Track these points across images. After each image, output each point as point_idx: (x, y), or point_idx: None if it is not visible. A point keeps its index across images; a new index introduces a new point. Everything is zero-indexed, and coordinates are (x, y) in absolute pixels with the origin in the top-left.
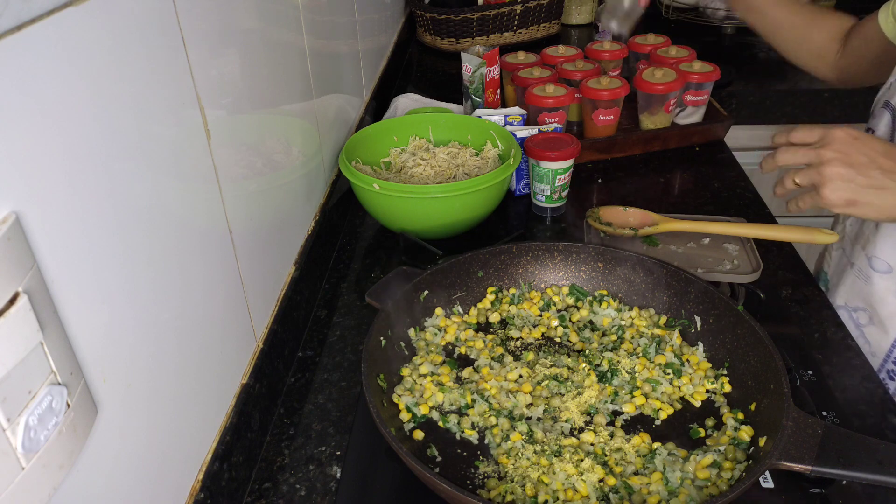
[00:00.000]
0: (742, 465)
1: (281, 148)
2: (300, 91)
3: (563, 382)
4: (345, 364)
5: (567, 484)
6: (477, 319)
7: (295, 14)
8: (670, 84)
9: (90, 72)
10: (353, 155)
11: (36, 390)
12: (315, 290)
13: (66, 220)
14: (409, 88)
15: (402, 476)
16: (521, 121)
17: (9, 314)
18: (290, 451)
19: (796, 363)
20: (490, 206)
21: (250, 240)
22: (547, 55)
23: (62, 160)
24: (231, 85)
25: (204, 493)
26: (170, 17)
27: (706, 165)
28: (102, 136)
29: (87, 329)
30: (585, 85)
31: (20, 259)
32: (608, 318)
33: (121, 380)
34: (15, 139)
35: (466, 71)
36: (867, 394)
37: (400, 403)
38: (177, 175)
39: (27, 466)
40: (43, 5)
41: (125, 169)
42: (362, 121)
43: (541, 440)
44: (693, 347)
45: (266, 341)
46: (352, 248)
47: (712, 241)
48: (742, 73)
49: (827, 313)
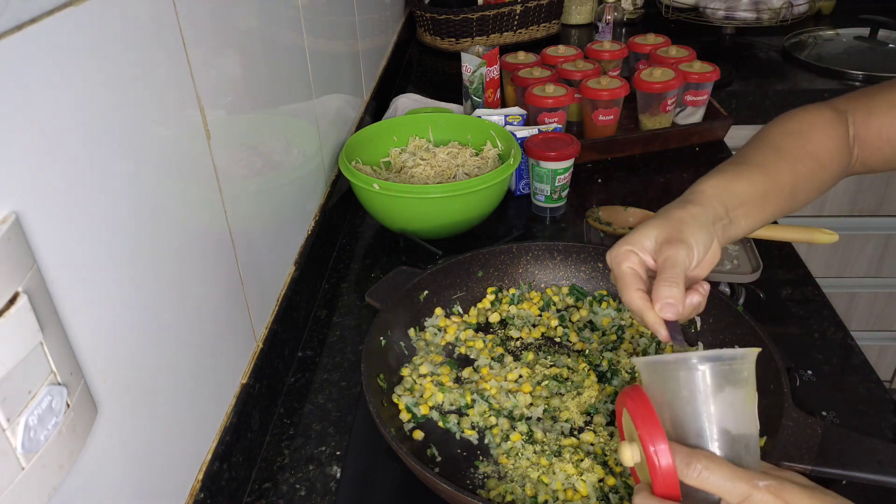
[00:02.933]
0: None
1: (281, 148)
2: (300, 91)
3: (562, 382)
4: (345, 364)
5: (567, 484)
6: (477, 319)
7: (295, 14)
8: (669, 83)
9: (89, 72)
10: (352, 155)
11: (36, 390)
12: (315, 290)
13: (66, 220)
14: (409, 88)
15: (402, 476)
16: (521, 121)
17: (9, 314)
18: (290, 451)
19: (796, 363)
20: (490, 206)
21: (250, 240)
22: (547, 55)
23: (62, 160)
24: (231, 85)
25: (204, 493)
26: (169, 18)
27: (706, 165)
28: (102, 135)
29: (87, 329)
30: (585, 85)
31: (20, 259)
32: (608, 318)
33: (121, 380)
34: (15, 139)
35: (466, 71)
36: (867, 394)
37: (400, 403)
38: (177, 175)
39: (27, 466)
40: (43, 5)
41: (125, 169)
42: (362, 121)
43: (541, 440)
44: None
45: (266, 341)
46: (352, 248)
47: None
48: (742, 73)
49: (827, 313)
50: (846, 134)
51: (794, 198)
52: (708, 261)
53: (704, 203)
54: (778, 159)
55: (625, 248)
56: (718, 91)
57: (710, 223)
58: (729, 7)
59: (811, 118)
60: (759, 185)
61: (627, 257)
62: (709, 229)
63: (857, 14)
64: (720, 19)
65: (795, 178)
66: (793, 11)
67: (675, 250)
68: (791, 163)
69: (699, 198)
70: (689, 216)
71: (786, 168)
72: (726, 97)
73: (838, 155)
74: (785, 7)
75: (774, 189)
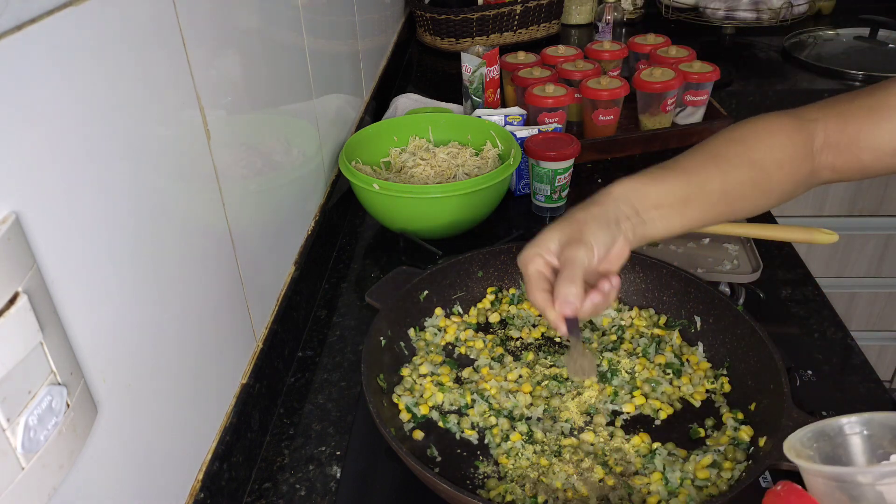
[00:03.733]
0: (742, 465)
1: (281, 148)
2: (300, 91)
3: (562, 382)
4: (345, 364)
5: (567, 484)
6: (477, 319)
7: (295, 14)
8: (669, 83)
9: (89, 72)
10: (352, 155)
11: (36, 390)
12: (315, 290)
13: (66, 220)
14: (409, 88)
15: (402, 476)
16: (521, 121)
17: (9, 314)
18: (290, 451)
19: (796, 363)
20: (490, 206)
21: (250, 240)
22: (547, 55)
23: (62, 160)
24: (231, 85)
25: (204, 493)
26: (169, 18)
27: None
28: (102, 135)
29: (87, 329)
30: (585, 85)
31: (20, 259)
32: (608, 318)
33: (121, 380)
34: (15, 139)
35: (466, 71)
36: (867, 394)
37: (400, 403)
38: (177, 175)
39: (27, 466)
40: (43, 5)
41: (125, 169)
42: (362, 121)
43: (541, 440)
44: (693, 347)
45: (266, 341)
46: (352, 248)
47: (712, 241)
48: (742, 73)
49: (827, 313)
50: (806, 142)
51: (728, 204)
52: (616, 256)
53: (607, 203)
54: (709, 165)
55: (531, 251)
56: (718, 91)
57: (613, 222)
58: (729, 7)
59: (761, 126)
60: (679, 190)
61: (533, 260)
62: (610, 228)
63: (857, 14)
64: (720, 19)
65: (726, 185)
66: (793, 11)
67: (574, 251)
68: (724, 170)
69: (603, 199)
70: (590, 217)
71: (716, 174)
72: (726, 97)
73: (789, 163)
74: (785, 7)
75: (698, 194)
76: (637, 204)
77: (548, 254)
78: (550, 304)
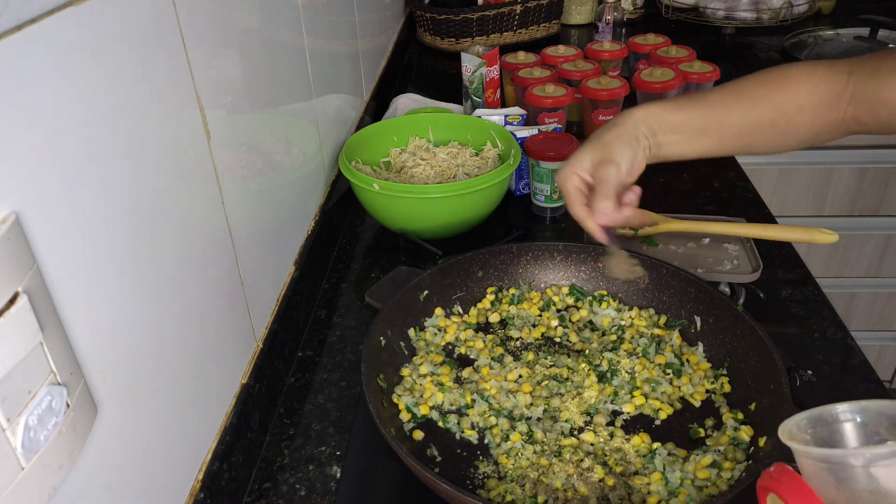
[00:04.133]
0: (742, 465)
1: (281, 148)
2: (300, 91)
3: (562, 382)
4: (345, 364)
5: (567, 484)
6: (477, 319)
7: (295, 14)
8: (669, 83)
9: (89, 71)
10: (352, 155)
11: (36, 390)
12: (315, 290)
13: (66, 220)
14: (409, 88)
15: (402, 476)
16: (521, 121)
17: (9, 314)
18: (290, 451)
19: (796, 363)
20: (490, 206)
21: (250, 240)
22: (547, 55)
23: (62, 160)
24: (231, 85)
25: (204, 493)
26: (169, 18)
27: (706, 165)
28: (102, 135)
29: (87, 329)
30: (585, 85)
31: (20, 259)
32: (608, 318)
33: (121, 380)
34: (15, 139)
35: (466, 71)
36: (867, 394)
37: (400, 403)
38: (177, 175)
39: (27, 466)
40: (43, 5)
41: (125, 169)
42: (362, 121)
43: (541, 440)
44: (693, 347)
45: (266, 341)
46: (352, 248)
47: (712, 241)
48: (742, 73)
49: (827, 313)
50: (834, 91)
51: (744, 139)
52: (636, 169)
53: (628, 124)
54: (731, 100)
55: (568, 170)
56: None
57: (634, 140)
58: (729, 7)
59: (793, 71)
60: (697, 120)
61: (570, 178)
62: (632, 145)
63: (857, 14)
64: (720, 19)
65: (744, 121)
66: (793, 11)
67: (606, 170)
68: (746, 106)
69: (625, 119)
70: (614, 137)
71: (736, 110)
72: None
73: (810, 110)
74: (785, 7)
75: (716, 126)
76: (656, 127)
77: (582, 171)
78: (590, 216)
